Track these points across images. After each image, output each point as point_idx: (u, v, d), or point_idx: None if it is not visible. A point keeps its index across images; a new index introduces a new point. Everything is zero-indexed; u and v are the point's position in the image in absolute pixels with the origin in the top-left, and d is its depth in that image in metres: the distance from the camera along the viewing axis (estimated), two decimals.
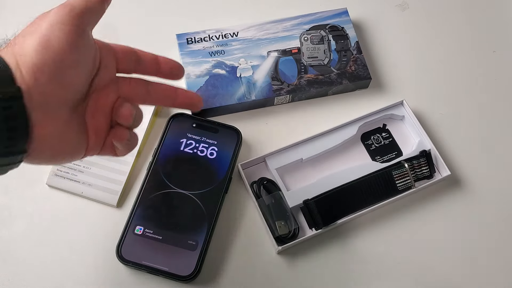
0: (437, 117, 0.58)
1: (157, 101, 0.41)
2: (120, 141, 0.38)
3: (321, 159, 0.55)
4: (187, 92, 0.42)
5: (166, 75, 0.41)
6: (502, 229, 0.53)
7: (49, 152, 0.34)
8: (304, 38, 0.59)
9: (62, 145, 0.34)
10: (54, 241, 0.50)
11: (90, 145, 0.37)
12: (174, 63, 0.41)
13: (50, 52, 0.31)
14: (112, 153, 0.39)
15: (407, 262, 0.51)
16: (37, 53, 0.31)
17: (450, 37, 0.64)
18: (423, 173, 0.53)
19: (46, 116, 0.32)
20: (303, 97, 0.58)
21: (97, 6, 0.35)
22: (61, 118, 0.33)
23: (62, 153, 0.35)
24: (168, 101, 0.41)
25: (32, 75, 0.30)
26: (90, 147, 0.37)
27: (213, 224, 0.49)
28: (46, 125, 0.32)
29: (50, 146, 0.33)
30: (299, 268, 0.50)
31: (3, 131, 0.29)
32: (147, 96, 0.40)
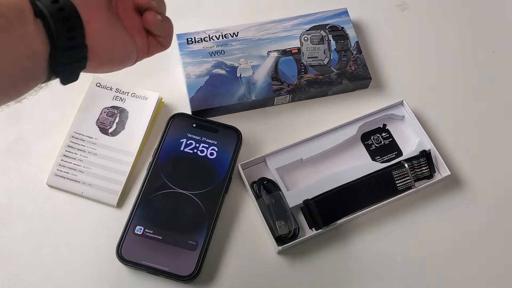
0: (437, 117, 0.58)
1: None
2: (152, 24, 0.41)
3: (321, 159, 0.55)
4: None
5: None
6: (502, 229, 0.53)
7: (105, 52, 0.38)
8: (304, 38, 0.59)
9: (114, 44, 0.39)
10: (54, 241, 0.50)
11: (138, 44, 0.41)
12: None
13: None
14: (159, 46, 0.44)
15: (407, 262, 0.51)
16: None
17: (450, 37, 0.64)
18: (423, 173, 0.53)
19: (89, 10, 0.35)
20: (303, 97, 0.58)
21: None
22: (103, 13, 0.37)
23: (117, 54, 0.40)
24: None
25: None
26: (139, 46, 0.41)
27: (213, 224, 0.49)
28: (93, 19, 0.35)
29: (103, 45, 0.37)
30: (299, 268, 0.50)
31: (60, 21, 0.32)
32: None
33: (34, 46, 0.32)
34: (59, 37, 0.32)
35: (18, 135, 0.55)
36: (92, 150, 0.53)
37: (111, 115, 0.55)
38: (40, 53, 0.32)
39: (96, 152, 0.53)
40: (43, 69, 0.33)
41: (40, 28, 0.32)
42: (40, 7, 0.32)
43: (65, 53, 0.33)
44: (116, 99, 0.55)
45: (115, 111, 0.55)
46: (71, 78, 0.36)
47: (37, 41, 0.32)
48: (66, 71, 0.35)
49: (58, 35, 0.32)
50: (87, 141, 0.54)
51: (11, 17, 0.31)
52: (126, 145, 0.54)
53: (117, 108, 0.55)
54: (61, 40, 0.33)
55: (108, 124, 0.54)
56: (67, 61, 0.34)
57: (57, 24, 0.32)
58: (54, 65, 0.33)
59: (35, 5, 0.32)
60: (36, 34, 0.32)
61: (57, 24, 0.32)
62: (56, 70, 0.34)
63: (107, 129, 0.54)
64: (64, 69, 0.34)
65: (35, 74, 0.33)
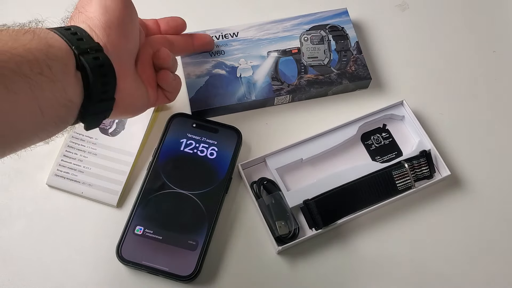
0: (437, 117, 0.58)
1: (182, 49, 0.53)
2: (166, 82, 0.47)
3: (321, 159, 0.55)
4: (200, 35, 0.56)
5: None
6: (502, 229, 0.53)
7: (126, 105, 0.42)
8: (304, 38, 0.59)
9: (134, 98, 0.43)
10: (54, 241, 0.50)
11: (149, 95, 0.46)
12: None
13: (111, 12, 0.39)
14: (166, 99, 0.49)
15: (407, 262, 0.51)
16: (102, 15, 0.39)
17: (450, 37, 0.64)
18: (423, 173, 0.53)
19: (122, 67, 0.39)
20: (303, 97, 0.58)
21: None
22: (131, 69, 0.42)
23: (135, 106, 0.44)
24: (188, 47, 0.54)
25: (103, 33, 0.38)
26: (150, 98, 0.46)
27: (213, 224, 0.49)
28: (124, 75, 0.40)
29: (127, 99, 0.41)
30: (299, 268, 0.50)
31: (99, 76, 0.36)
32: (172, 47, 0.50)
33: (72, 96, 0.35)
34: (95, 91, 0.36)
35: None
36: (92, 150, 0.53)
37: None
38: (75, 103, 0.35)
39: (96, 152, 0.53)
40: (74, 116, 0.36)
41: (79, 81, 0.35)
42: (83, 62, 0.35)
43: (96, 104, 0.37)
44: None
45: None
46: (94, 125, 0.40)
47: (75, 92, 0.35)
48: (92, 120, 0.38)
49: (95, 88, 0.36)
50: (87, 141, 0.54)
51: (56, 70, 0.33)
52: (126, 145, 0.54)
53: None
54: (96, 93, 0.36)
55: (108, 124, 0.54)
56: (96, 111, 0.38)
57: (95, 79, 0.35)
58: (85, 114, 0.37)
59: (79, 59, 0.35)
60: (75, 85, 0.35)
61: (96, 78, 0.35)
62: (85, 118, 0.37)
63: (107, 129, 0.54)
64: (92, 117, 0.38)
65: (66, 120, 0.36)
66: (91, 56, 0.35)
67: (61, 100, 0.34)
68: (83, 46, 0.35)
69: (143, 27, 0.49)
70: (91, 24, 0.38)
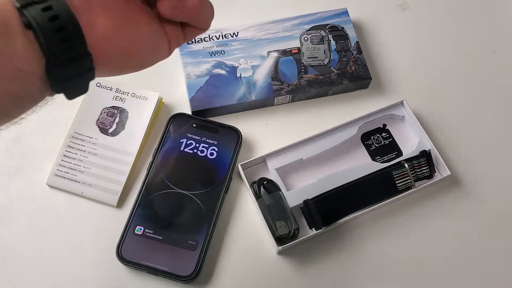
0: (437, 117, 0.58)
1: None
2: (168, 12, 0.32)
3: (321, 159, 0.55)
4: None
5: None
6: (502, 229, 0.53)
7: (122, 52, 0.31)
8: (304, 38, 0.59)
9: (135, 42, 0.32)
10: (54, 241, 0.50)
11: (169, 34, 0.34)
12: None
13: None
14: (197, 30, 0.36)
15: (407, 262, 0.51)
16: None
17: (450, 37, 0.64)
18: (423, 173, 0.53)
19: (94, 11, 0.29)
20: (303, 97, 0.58)
21: None
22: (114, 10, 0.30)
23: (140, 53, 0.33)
24: None
25: None
26: (171, 35, 0.34)
27: (213, 224, 0.49)
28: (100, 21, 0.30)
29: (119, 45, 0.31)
30: (299, 268, 0.50)
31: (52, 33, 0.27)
32: None
33: (23, 64, 0.27)
34: (51, 52, 0.28)
35: (18, 135, 0.55)
36: (92, 150, 0.53)
37: (111, 115, 0.55)
38: (30, 72, 0.28)
39: (96, 152, 0.53)
40: (37, 88, 0.29)
41: (31, 42, 0.27)
42: (28, 18, 0.27)
43: (62, 68, 0.29)
44: (116, 99, 0.55)
45: (115, 111, 0.55)
46: (77, 92, 0.31)
47: (26, 58, 0.27)
48: (68, 87, 0.30)
49: (50, 49, 0.28)
50: (87, 141, 0.54)
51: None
52: (126, 145, 0.53)
53: (117, 108, 0.55)
54: (55, 55, 0.28)
55: (108, 124, 0.54)
56: (67, 76, 0.29)
57: (47, 37, 0.27)
58: (52, 83, 0.29)
59: (23, 15, 0.27)
60: (26, 50, 0.27)
61: (48, 37, 0.27)
62: (57, 86, 0.30)
63: (107, 129, 0.54)
64: (65, 85, 0.30)
65: (27, 95, 0.29)
66: (39, 8, 0.27)
67: (7, 72, 0.27)
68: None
69: None
70: None
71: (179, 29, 0.34)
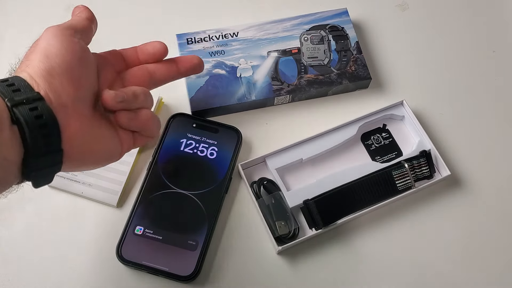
0: (437, 117, 0.58)
1: (164, 78, 0.46)
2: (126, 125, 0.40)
3: (321, 159, 0.55)
4: (186, 58, 0.47)
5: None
6: (502, 229, 0.53)
7: (85, 155, 0.37)
8: (304, 38, 0.59)
9: (96, 143, 0.38)
10: (54, 241, 0.50)
11: (122, 139, 0.40)
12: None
13: (52, 58, 0.35)
14: (145, 138, 0.43)
15: (407, 262, 0.51)
16: (43, 62, 0.35)
17: (450, 37, 0.64)
18: (423, 173, 0.53)
19: (69, 115, 0.35)
20: (303, 97, 0.58)
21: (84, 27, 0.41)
22: (83, 116, 0.36)
23: (98, 154, 0.39)
24: (172, 74, 0.46)
25: (44, 81, 0.34)
26: (123, 141, 0.40)
27: (213, 224, 0.49)
28: (72, 123, 0.35)
29: (83, 145, 0.36)
30: (299, 268, 0.50)
31: (36, 129, 0.32)
32: (152, 77, 0.44)
33: (7, 154, 0.31)
34: (34, 145, 0.32)
35: None
36: None
37: None
38: (13, 160, 0.32)
39: None
40: (14, 175, 0.33)
41: (15, 135, 0.32)
42: (17, 115, 0.32)
43: (38, 159, 0.33)
44: None
45: None
46: (44, 181, 0.35)
47: (10, 148, 0.31)
48: (39, 176, 0.34)
49: (33, 142, 0.32)
50: None
51: None
52: None
53: None
54: (36, 148, 0.32)
55: None
56: (40, 166, 0.33)
57: (32, 132, 0.32)
58: (28, 171, 0.33)
59: (13, 112, 0.32)
60: (10, 141, 0.31)
61: (33, 132, 0.32)
62: (29, 175, 0.33)
63: None
64: (36, 174, 0.34)
65: (6, 180, 0.33)
66: (26, 108, 0.32)
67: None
68: (18, 97, 0.32)
69: (119, 61, 0.44)
70: (32, 72, 0.35)
71: (131, 136, 0.41)
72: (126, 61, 0.44)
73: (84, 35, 0.40)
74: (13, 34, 0.62)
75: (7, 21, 0.63)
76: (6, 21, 0.63)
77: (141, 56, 0.45)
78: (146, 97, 0.41)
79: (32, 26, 0.61)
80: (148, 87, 0.43)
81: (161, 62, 0.45)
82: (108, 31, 0.62)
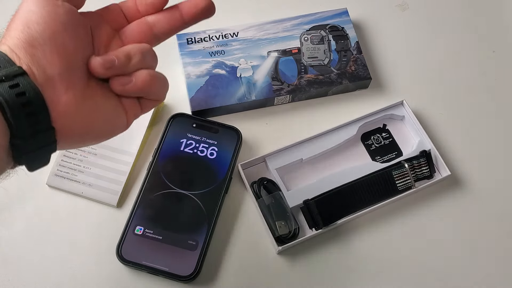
0: (437, 117, 0.58)
1: (167, 29, 0.38)
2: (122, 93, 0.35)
3: (321, 159, 0.55)
4: (190, 1, 0.39)
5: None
6: (502, 229, 0.53)
7: (83, 129, 0.33)
8: (304, 38, 0.59)
9: (94, 116, 0.34)
10: (54, 241, 0.50)
11: (126, 107, 0.36)
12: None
13: (33, 27, 0.32)
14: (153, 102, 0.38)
15: (407, 262, 0.51)
16: (23, 32, 0.31)
17: (450, 37, 0.64)
18: (423, 173, 0.53)
19: (56, 88, 0.31)
20: (303, 97, 0.58)
21: None
22: (75, 88, 0.32)
23: (100, 127, 0.35)
24: (176, 24, 0.38)
25: (26, 53, 0.31)
26: (128, 109, 0.36)
27: (213, 224, 0.49)
28: (62, 97, 0.31)
29: (80, 120, 0.33)
30: (299, 268, 0.50)
31: (18, 108, 0.29)
32: (153, 30, 0.38)
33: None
34: (18, 126, 0.29)
35: None
36: (92, 150, 0.53)
37: None
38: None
39: (96, 152, 0.53)
40: (3, 160, 0.30)
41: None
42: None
43: (27, 141, 0.30)
44: None
45: None
46: (39, 164, 0.33)
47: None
48: (31, 159, 0.32)
49: (17, 123, 0.29)
50: None
51: None
52: (126, 145, 0.53)
53: None
54: (22, 129, 0.29)
55: None
56: (30, 149, 0.31)
57: (15, 112, 0.29)
58: (16, 155, 0.30)
59: None
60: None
61: (15, 111, 0.29)
62: (21, 158, 0.31)
63: None
64: (28, 157, 0.31)
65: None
66: (6, 85, 0.29)
67: None
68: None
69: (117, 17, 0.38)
70: (11, 44, 0.31)
71: (136, 102, 0.36)
72: (126, 16, 0.38)
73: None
74: None
75: (7, 21, 0.63)
76: (6, 21, 0.63)
77: (141, 8, 0.38)
78: (144, 56, 0.35)
79: None
80: (150, 43, 0.38)
81: (162, 11, 0.38)
82: None
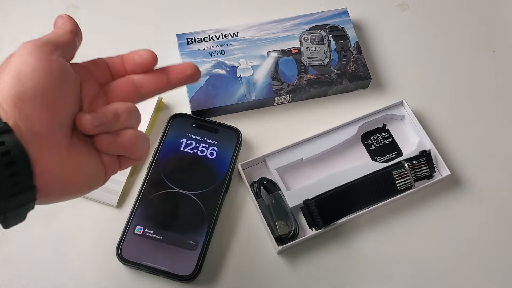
0: (437, 117, 0.58)
1: (152, 90, 0.38)
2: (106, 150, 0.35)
3: (321, 159, 0.55)
4: (178, 66, 0.38)
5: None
6: (502, 228, 0.53)
7: (63, 183, 0.33)
8: (304, 38, 0.59)
9: (75, 173, 0.33)
10: (54, 241, 0.50)
11: (106, 164, 0.35)
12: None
13: (25, 81, 0.30)
14: (131, 161, 0.37)
15: (407, 262, 0.51)
16: (13, 86, 0.30)
17: (450, 37, 0.64)
18: (423, 173, 0.53)
19: (42, 145, 0.30)
20: (303, 97, 0.58)
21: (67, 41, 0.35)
22: (60, 144, 0.32)
23: (79, 184, 0.34)
24: (162, 86, 0.38)
25: (14, 107, 0.29)
26: (107, 165, 0.35)
27: (213, 224, 0.49)
28: (46, 154, 0.30)
29: (61, 177, 0.32)
30: (299, 268, 0.50)
31: (2, 168, 0.28)
32: (139, 90, 0.37)
33: None
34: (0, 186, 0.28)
35: None
36: None
37: None
38: None
39: None
40: None
41: None
42: None
43: (6, 201, 0.29)
44: None
45: None
46: (15, 221, 0.32)
47: None
48: (8, 218, 0.31)
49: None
50: None
51: None
52: None
53: None
54: (3, 189, 0.28)
55: None
56: (9, 208, 0.30)
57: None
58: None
59: None
60: None
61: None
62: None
63: None
64: (5, 216, 0.30)
65: None
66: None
67: None
68: None
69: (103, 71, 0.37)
70: (0, 97, 0.29)
71: (116, 160, 0.36)
72: (112, 71, 0.38)
73: (65, 50, 0.34)
74: (13, 34, 0.62)
75: (7, 21, 0.63)
76: (6, 21, 0.63)
77: (128, 66, 0.38)
78: (130, 115, 0.35)
79: (32, 26, 0.61)
80: (134, 101, 0.37)
81: (149, 72, 0.38)
82: (108, 30, 0.62)
